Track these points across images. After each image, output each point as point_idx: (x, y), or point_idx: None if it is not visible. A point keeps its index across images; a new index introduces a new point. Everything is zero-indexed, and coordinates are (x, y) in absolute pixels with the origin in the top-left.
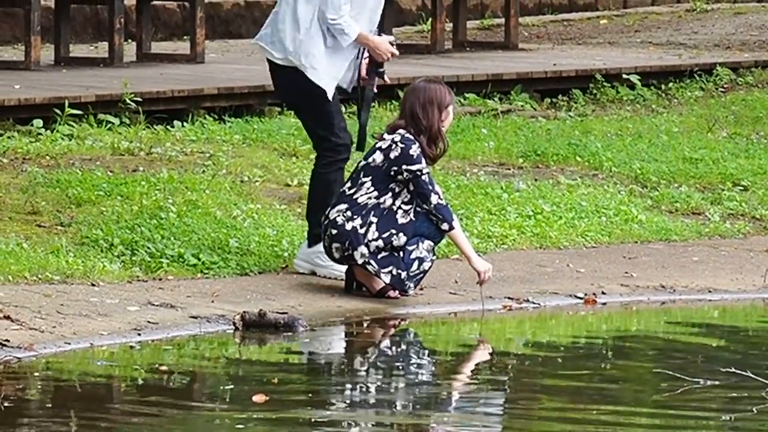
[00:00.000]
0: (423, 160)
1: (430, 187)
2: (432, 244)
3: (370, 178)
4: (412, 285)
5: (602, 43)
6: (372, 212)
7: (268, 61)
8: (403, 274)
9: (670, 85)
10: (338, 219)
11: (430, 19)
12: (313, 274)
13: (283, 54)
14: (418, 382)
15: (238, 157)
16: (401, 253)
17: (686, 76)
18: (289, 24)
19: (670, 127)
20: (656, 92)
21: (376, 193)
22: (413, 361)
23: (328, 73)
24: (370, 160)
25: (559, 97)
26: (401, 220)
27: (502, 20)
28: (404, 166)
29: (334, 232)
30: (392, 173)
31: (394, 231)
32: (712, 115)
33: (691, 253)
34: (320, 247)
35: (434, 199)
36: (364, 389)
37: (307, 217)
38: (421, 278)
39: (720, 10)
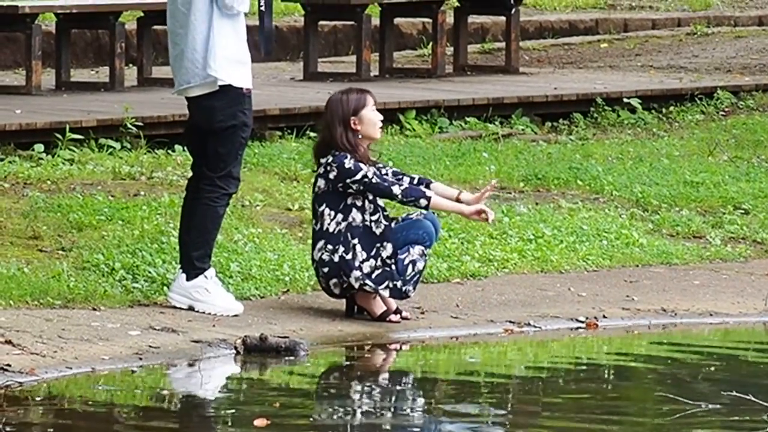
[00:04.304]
0: (362, 166)
1: (386, 184)
2: (423, 248)
3: (324, 204)
4: (411, 288)
5: (603, 66)
6: (349, 235)
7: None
8: (399, 283)
9: (671, 108)
10: (324, 256)
11: (430, 43)
12: (191, 309)
13: None
14: (419, 405)
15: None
16: (394, 265)
17: (687, 99)
18: None
19: (671, 150)
20: (657, 116)
21: (340, 216)
22: (415, 384)
23: None
24: (316, 188)
25: (560, 120)
26: (378, 231)
27: (502, 44)
28: (348, 180)
29: (325, 270)
30: (341, 188)
31: (378, 244)
32: (713, 138)
33: (692, 277)
34: (200, 281)
35: (396, 189)
36: (366, 413)
37: (190, 250)
38: (418, 279)
39: (721, 33)
